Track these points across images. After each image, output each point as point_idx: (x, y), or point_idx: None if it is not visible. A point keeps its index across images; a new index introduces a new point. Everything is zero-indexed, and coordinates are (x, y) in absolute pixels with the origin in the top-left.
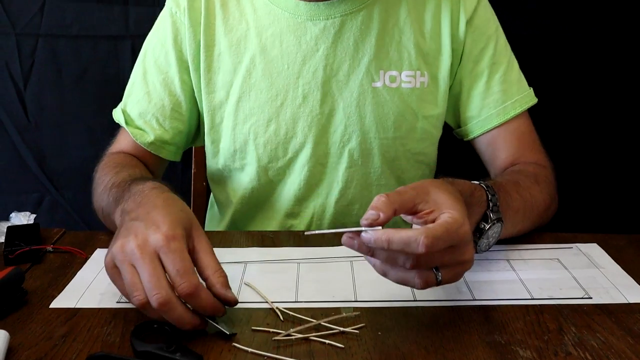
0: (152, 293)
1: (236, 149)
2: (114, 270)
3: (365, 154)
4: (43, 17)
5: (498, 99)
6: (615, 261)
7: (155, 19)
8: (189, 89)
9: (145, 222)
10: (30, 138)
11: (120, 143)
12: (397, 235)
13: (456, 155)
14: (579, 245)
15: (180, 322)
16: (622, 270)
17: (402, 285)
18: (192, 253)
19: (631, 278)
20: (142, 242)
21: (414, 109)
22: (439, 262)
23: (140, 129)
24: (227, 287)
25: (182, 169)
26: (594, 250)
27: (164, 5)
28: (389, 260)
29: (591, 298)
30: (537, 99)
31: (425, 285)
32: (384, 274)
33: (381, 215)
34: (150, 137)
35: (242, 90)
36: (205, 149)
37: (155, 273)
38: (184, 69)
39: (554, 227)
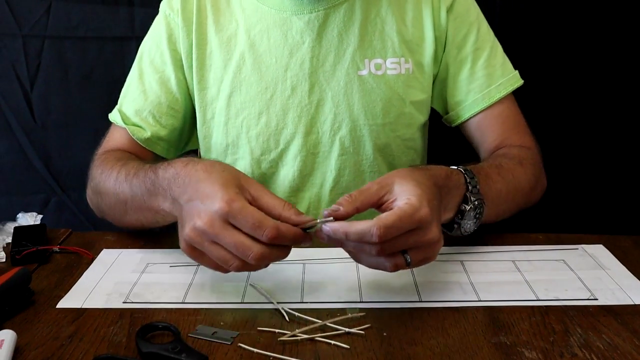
0: (246, 255)
1: (228, 144)
2: (194, 253)
3: (356, 142)
4: (49, 19)
5: (482, 83)
6: (621, 262)
7: None
8: (184, 87)
9: (201, 199)
10: (37, 139)
11: (112, 142)
12: (353, 228)
13: (448, 143)
14: (584, 246)
15: (286, 255)
16: (628, 272)
17: (407, 287)
18: (253, 202)
19: (637, 279)
20: (208, 219)
21: (400, 94)
22: (404, 246)
23: (137, 126)
24: (301, 214)
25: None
26: (599, 251)
27: None
28: (357, 248)
29: (597, 299)
30: (522, 81)
31: (395, 268)
32: (358, 261)
33: (341, 209)
34: (146, 133)
35: (233, 85)
36: (199, 147)
37: (237, 238)
38: (179, 67)
39: (560, 229)
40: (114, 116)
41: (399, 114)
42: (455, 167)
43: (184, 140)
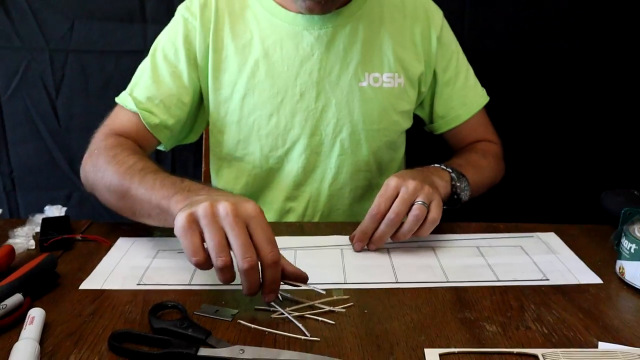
0: (244, 256)
1: (240, 139)
2: (191, 228)
3: (354, 144)
4: (73, 35)
5: (460, 103)
6: (570, 248)
7: None
8: (195, 84)
9: (229, 197)
10: (61, 141)
11: (118, 123)
12: (363, 227)
13: (426, 144)
14: (538, 234)
15: (253, 287)
16: (575, 256)
17: (385, 270)
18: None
19: (582, 262)
20: (234, 208)
21: (393, 104)
22: (401, 209)
23: (148, 111)
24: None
25: (194, 162)
26: (551, 238)
27: None
28: (389, 226)
29: (548, 280)
30: (489, 97)
31: (420, 213)
32: (400, 235)
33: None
34: (156, 119)
35: (246, 88)
36: (210, 140)
37: (247, 240)
38: (192, 65)
39: (518, 219)
40: (123, 99)
41: (390, 122)
42: (438, 165)
43: (184, 133)
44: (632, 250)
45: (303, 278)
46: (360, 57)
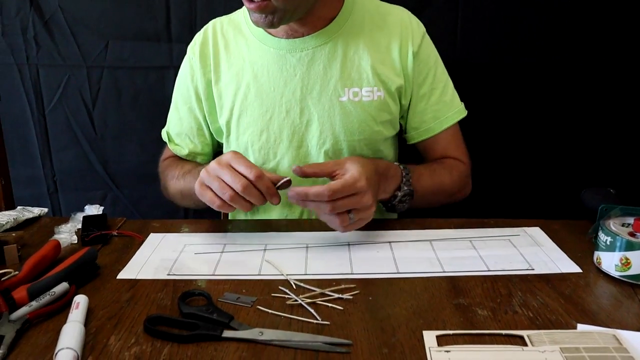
0: (235, 183)
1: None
2: (202, 188)
3: (337, 154)
4: (107, 53)
5: (434, 116)
6: (553, 240)
7: None
8: (204, 115)
9: (219, 158)
10: (97, 148)
11: (168, 152)
12: (312, 190)
13: (407, 150)
14: (525, 228)
15: (257, 200)
16: (558, 247)
17: (388, 262)
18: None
19: (564, 253)
20: (218, 161)
21: (374, 116)
22: (347, 206)
23: (178, 145)
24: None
25: None
26: (536, 232)
27: None
28: (316, 207)
29: (534, 269)
30: (466, 112)
31: (342, 223)
32: (319, 217)
33: (305, 170)
34: (184, 151)
35: (241, 109)
36: (223, 152)
37: (233, 172)
38: (199, 100)
39: (507, 215)
40: (163, 134)
41: (371, 132)
42: (398, 163)
43: (216, 150)
44: (608, 243)
45: (286, 180)
46: (339, 73)
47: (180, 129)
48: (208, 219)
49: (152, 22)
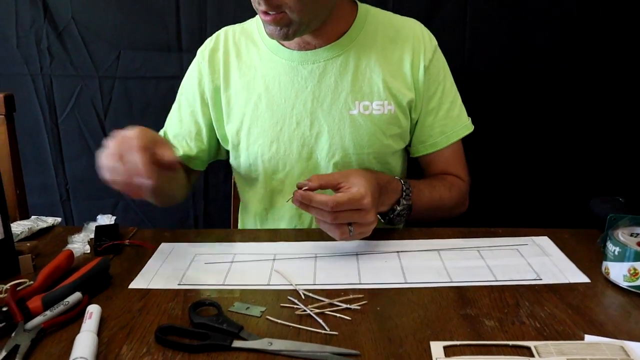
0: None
1: (250, 163)
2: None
3: (346, 166)
4: (119, 64)
5: (440, 131)
6: (561, 250)
7: None
8: (208, 120)
9: None
10: None
11: None
12: (316, 197)
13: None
14: (533, 238)
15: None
16: (566, 257)
17: (395, 272)
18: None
19: (572, 263)
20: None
21: (383, 130)
22: (349, 219)
23: (174, 147)
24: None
25: (224, 177)
26: (544, 242)
27: None
28: (318, 215)
29: (542, 279)
30: (473, 127)
31: (341, 235)
32: (319, 224)
33: (310, 183)
34: (180, 153)
35: (252, 119)
36: (230, 161)
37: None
38: (205, 105)
39: (515, 224)
40: (160, 134)
41: (381, 145)
42: (398, 178)
43: (211, 157)
44: (616, 253)
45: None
46: (350, 87)
47: (179, 131)
48: (218, 227)
49: (163, 33)
